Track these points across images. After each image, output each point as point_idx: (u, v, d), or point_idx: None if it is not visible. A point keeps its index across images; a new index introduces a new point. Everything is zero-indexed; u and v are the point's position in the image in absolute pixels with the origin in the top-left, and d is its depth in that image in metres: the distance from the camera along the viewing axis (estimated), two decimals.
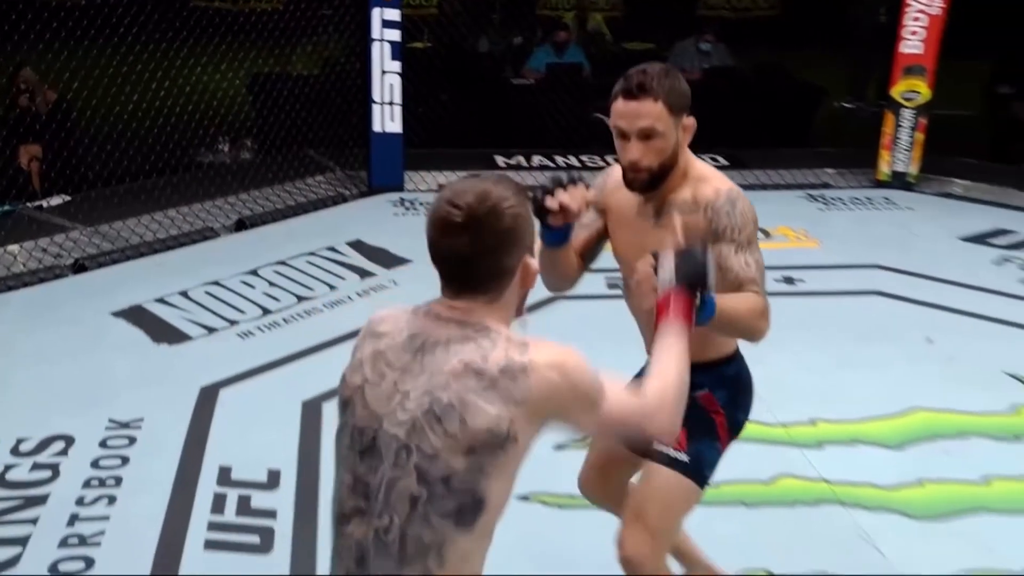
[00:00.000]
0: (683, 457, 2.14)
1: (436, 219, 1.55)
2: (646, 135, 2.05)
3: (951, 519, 3.39)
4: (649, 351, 2.19)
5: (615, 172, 2.21)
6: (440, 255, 1.58)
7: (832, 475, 3.54)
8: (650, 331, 2.01)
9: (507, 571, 3.08)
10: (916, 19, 7.31)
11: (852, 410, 3.90)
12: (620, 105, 2.08)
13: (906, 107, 7.48)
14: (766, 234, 6.42)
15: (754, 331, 2.09)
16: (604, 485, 2.49)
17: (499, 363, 1.53)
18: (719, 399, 2.18)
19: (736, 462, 2.32)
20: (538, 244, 1.93)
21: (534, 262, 1.65)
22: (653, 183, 2.11)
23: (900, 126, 7.52)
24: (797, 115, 8.85)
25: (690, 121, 2.13)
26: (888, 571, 3.07)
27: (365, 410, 1.64)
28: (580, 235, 2.23)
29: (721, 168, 7.69)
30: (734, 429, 2.24)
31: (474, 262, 1.56)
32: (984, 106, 8.75)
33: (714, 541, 2.97)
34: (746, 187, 7.32)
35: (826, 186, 7.70)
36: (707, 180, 2.15)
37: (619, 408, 1.62)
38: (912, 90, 7.44)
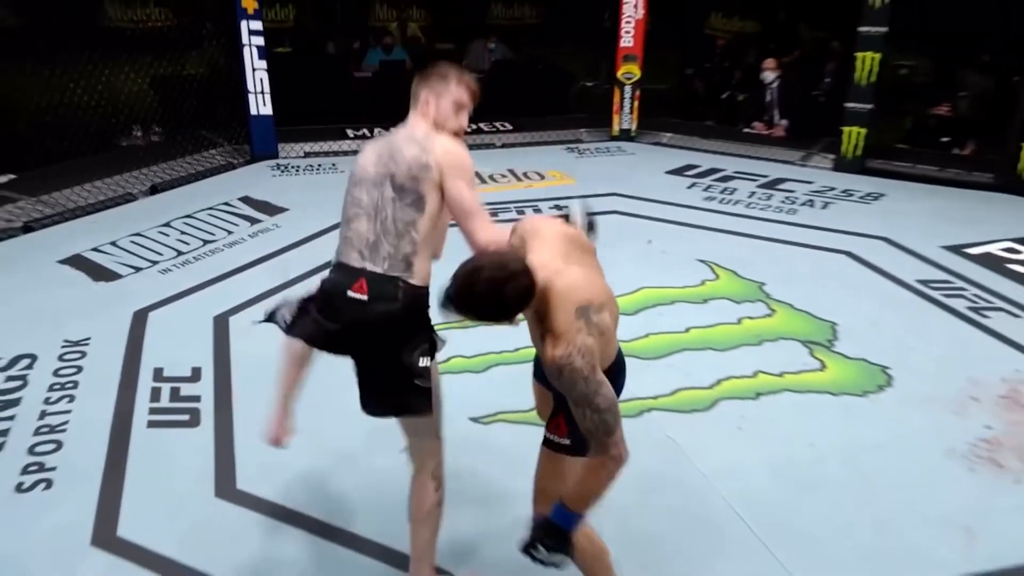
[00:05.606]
0: (566, 441, 1.92)
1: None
2: None
3: (666, 357, 3.59)
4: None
5: None
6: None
7: None
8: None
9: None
10: (628, 22, 7.48)
11: None
12: None
13: (626, 84, 7.68)
14: (541, 176, 6.56)
15: (611, 475, 1.76)
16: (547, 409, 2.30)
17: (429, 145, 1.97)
18: None
19: (513, 336, 2.13)
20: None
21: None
22: None
23: (624, 97, 7.72)
24: (557, 92, 8.92)
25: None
26: (627, 396, 3.24)
27: (366, 171, 2.00)
28: None
29: (504, 132, 7.86)
30: None
31: None
32: (676, 82, 9.03)
33: (492, 393, 3.06)
34: (524, 144, 7.52)
35: (579, 141, 7.81)
36: (547, 340, 1.76)
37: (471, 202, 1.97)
38: (629, 72, 7.64)
